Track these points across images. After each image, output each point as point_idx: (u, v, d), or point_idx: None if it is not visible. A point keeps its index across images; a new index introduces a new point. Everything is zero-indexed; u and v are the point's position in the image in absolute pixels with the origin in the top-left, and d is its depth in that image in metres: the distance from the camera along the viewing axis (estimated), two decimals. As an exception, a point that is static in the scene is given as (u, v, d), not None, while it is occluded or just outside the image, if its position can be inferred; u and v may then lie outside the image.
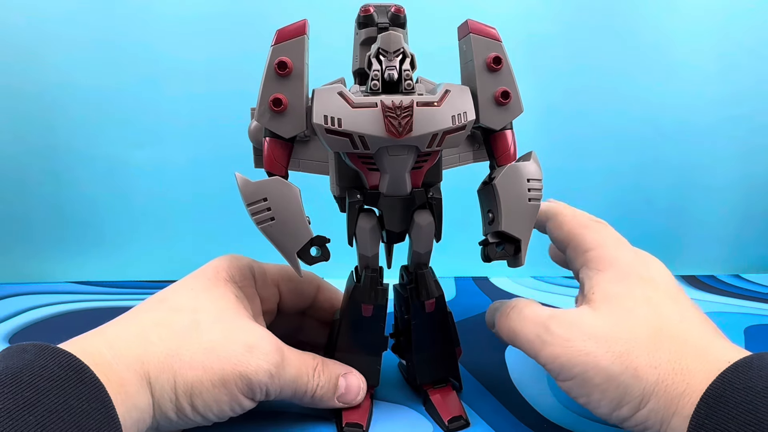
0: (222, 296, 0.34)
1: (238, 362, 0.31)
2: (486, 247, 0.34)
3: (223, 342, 0.32)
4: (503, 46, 0.33)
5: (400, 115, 0.29)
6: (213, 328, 0.32)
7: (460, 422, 0.37)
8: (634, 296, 0.32)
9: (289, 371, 0.33)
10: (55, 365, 0.26)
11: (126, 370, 0.28)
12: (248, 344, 0.32)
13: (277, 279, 0.40)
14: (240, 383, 0.31)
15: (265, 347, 0.32)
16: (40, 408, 0.24)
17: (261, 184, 0.32)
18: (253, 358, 0.32)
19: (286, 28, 0.31)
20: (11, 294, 0.63)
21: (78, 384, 0.25)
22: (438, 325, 0.38)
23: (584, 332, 0.31)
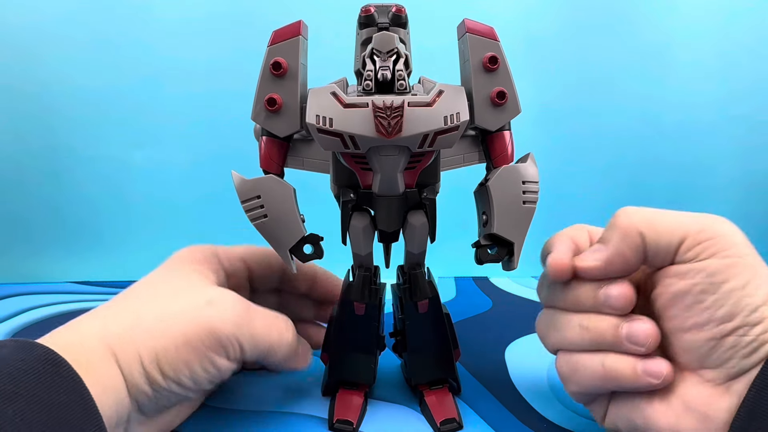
0: (181, 271, 0.35)
1: (200, 317, 0.31)
2: (478, 250, 0.34)
3: (183, 303, 0.32)
4: (500, 46, 0.33)
5: (390, 116, 0.29)
6: (171, 294, 0.32)
7: (452, 425, 0.36)
8: None
9: (257, 323, 0.33)
10: (33, 359, 0.26)
11: (91, 352, 0.28)
12: (208, 299, 0.32)
13: (243, 255, 0.40)
14: (206, 339, 0.31)
15: (228, 298, 0.33)
16: (20, 401, 0.24)
17: (255, 182, 0.33)
18: (216, 310, 0.31)
19: (282, 29, 0.32)
20: (11, 294, 0.63)
21: (55, 377, 0.25)
22: (432, 326, 0.38)
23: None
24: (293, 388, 0.42)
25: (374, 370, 0.39)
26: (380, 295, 0.38)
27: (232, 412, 0.38)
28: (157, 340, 0.30)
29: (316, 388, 0.41)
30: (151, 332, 0.30)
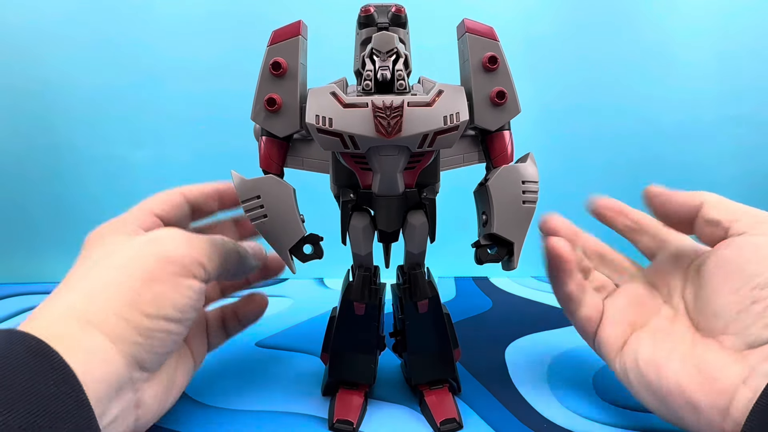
0: (107, 239, 0.35)
1: (152, 253, 0.32)
2: (478, 249, 0.34)
3: (134, 250, 0.32)
4: (500, 46, 0.32)
5: (389, 116, 0.29)
6: (121, 246, 0.33)
7: (452, 425, 0.36)
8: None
9: (203, 241, 0.34)
10: (22, 350, 0.25)
11: (72, 331, 0.28)
12: (146, 239, 0.33)
13: (183, 193, 0.41)
14: (167, 267, 0.32)
15: (164, 231, 0.35)
16: (9, 392, 0.23)
17: (255, 182, 0.33)
18: (161, 242, 0.33)
19: (281, 29, 0.32)
20: (11, 294, 0.64)
21: (46, 368, 0.25)
22: (432, 326, 0.38)
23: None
24: (293, 388, 0.42)
25: (374, 370, 0.39)
26: (380, 295, 0.38)
27: (232, 412, 0.39)
28: (127, 288, 0.30)
29: (316, 388, 0.41)
30: (117, 286, 0.30)
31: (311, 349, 0.48)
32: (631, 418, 0.38)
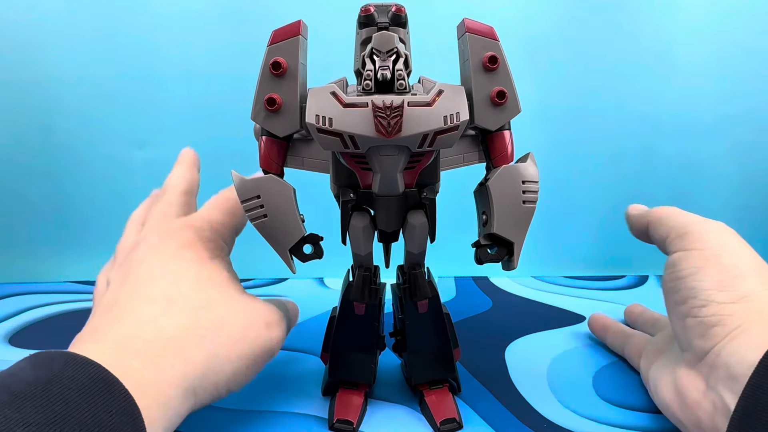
0: (219, 280, 0.35)
1: (264, 342, 0.34)
2: (478, 249, 0.34)
3: (248, 327, 0.34)
4: (500, 45, 0.32)
5: (390, 115, 0.29)
6: (233, 317, 0.34)
7: (452, 425, 0.36)
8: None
9: (287, 324, 0.37)
10: (85, 377, 0.25)
11: (170, 387, 0.29)
12: (265, 322, 0.35)
13: (236, 226, 0.40)
14: (266, 356, 0.35)
15: (275, 317, 0.36)
16: (70, 422, 0.23)
17: (255, 182, 0.32)
18: (273, 333, 0.35)
19: (281, 28, 0.32)
20: (11, 294, 0.63)
21: (107, 397, 0.25)
22: (432, 325, 0.38)
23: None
24: (293, 388, 0.42)
25: (374, 370, 0.39)
26: (380, 295, 0.38)
27: (232, 412, 0.39)
28: (234, 366, 0.32)
29: (316, 388, 0.41)
30: (229, 359, 0.32)
31: (311, 349, 0.48)
32: (631, 417, 0.38)
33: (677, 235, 0.36)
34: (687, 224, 0.37)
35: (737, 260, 0.34)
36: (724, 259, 0.34)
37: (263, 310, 0.35)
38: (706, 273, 0.34)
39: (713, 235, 0.36)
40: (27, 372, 0.25)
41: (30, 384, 0.24)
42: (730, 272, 0.33)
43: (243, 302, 0.35)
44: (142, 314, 0.31)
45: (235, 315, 0.34)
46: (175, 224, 0.37)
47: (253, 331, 0.34)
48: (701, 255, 0.35)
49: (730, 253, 0.35)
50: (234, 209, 0.39)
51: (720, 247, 0.35)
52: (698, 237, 0.36)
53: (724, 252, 0.35)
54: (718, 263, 0.34)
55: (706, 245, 0.35)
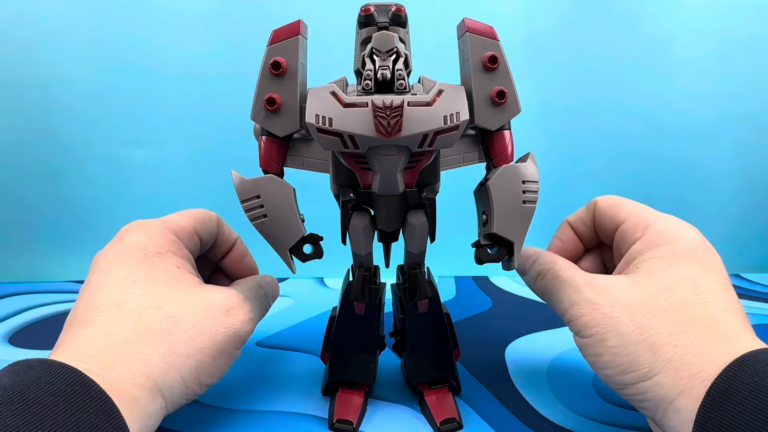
0: (168, 276, 0.34)
1: (226, 328, 0.33)
2: (478, 249, 0.34)
3: (203, 318, 0.33)
4: (500, 45, 0.32)
5: (389, 115, 0.29)
6: (186, 311, 0.33)
7: (452, 424, 0.36)
8: (682, 275, 0.32)
9: (255, 306, 0.36)
10: (62, 381, 0.26)
11: (136, 389, 0.29)
12: (224, 308, 0.34)
13: (195, 227, 0.39)
14: (234, 342, 0.34)
15: (235, 301, 0.35)
16: (48, 423, 0.24)
17: (255, 182, 0.32)
18: (236, 318, 0.34)
19: (281, 28, 0.32)
20: (11, 294, 0.64)
21: (85, 398, 0.25)
22: (432, 325, 0.38)
23: (614, 298, 0.32)
24: (293, 388, 0.42)
25: (374, 369, 0.39)
26: (380, 295, 0.38)
27: (232, 412, 0.39)
28: (196, 360, 0.32)
29: (316, 388, 0.41)
30: (188, 354, 0.31)
31: (311, 348, 0.48)
32: (631, 417, 0.38)
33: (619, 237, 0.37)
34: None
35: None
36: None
37: (220, 297, 0.34)
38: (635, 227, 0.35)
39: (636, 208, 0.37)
40: (4, 379, 0.25)
41: (7, 390, 0.24)
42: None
43: (196, 294, 0.34)
44: (94, 323, 0.31)
45: (187, 309, 0.33)
46: (123, 229, 0.37)
47: (211, 321, 0.33)
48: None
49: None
50: (195, 213, 0.39)
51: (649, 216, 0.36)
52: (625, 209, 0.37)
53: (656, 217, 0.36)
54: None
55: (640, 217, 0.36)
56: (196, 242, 0.39)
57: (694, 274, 0.32)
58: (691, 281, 0.32)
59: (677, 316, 0.30)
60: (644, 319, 0.30)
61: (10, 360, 0.27)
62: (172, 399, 0.31)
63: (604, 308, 0.31)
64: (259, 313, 0.37)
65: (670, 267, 0.32)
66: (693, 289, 0.31)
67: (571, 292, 0.33)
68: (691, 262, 0.33)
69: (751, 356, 0.27)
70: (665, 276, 0.32)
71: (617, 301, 0.31)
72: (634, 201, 0.38)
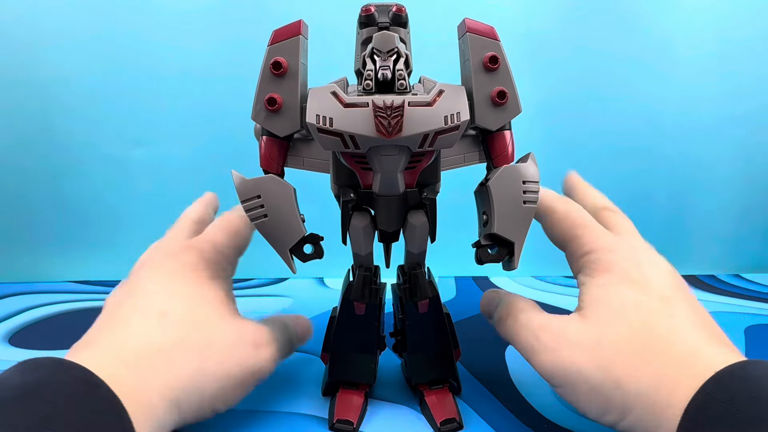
0: (213, 297, 0.35)
1: (252, 363, 0.34)
2: (478, 249, 0.34)
3: (235, 347, 0.34)
4: (501, 45, 0.32)
5: (390, 115, 0.29)
6: (222, 336, 0.34)
7: (452, 425, 0.36)
8: (624, 302, 0.31)
9: (281, 349, 0.37)
10: (72, 380, 0.26)
11: (155, 396, 0.29)
12: (254, 343, 0.35)
13: (229, 246, 0.39)
14: (254, 377, 0.35)
15: (264, 338, 0.35)
16: (57, 423, 0.24)
17: (256, 182, 0.32)
18: (261, 354, 0.35)
19: (282, 28, 0.32)
20: (11, 294, 0.63)
21: (94, 399, 0.26)
22: (433, 325, 0.38)
23: (570, 341, 0.31)
24: (293, 388, 0.42)
25: (374, 370, 0.39)
26: (380, 295, 0.38)
27: (232, 412, 0.38)
28: (220, 384, 0.32)
29: (316, 388, 0.41)
30: (215, 377, 0.32)
31: (311, 349, 0.48)
32: (632, 418, 0.38)
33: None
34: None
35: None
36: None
37: (252, 331, 0.35)
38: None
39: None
40: (15, 378, 0.25)
41: (16, 389, 0.24)
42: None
43: (233, 323, 0.35)
44: (135, 326, 0.32)
45: (223, 334, 0.34)
46: (179, 245, 0.38)
47: (241, 351, 0.34)
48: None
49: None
50: (238, 230, 0.39)
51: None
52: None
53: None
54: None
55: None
56: (237, 261, 0.40)
57: (635, 298, 0.32)
58: (634, 307, 0.31)
59: (630, 347, 0.30)
60: (601, 356, 0.30)
61: (10, 360, 0.27)
62: (186, 416, 0.31)
63: (564, 354, 0.31)
64: (283, 355, 0.37)
65: (612, 297, 0.32)
66: (638, 315, 0.31)
67: (531, 340, 0.33)
68: (628, 287, 0.32)
69: (726, 373, 0.26)
70: (609, 307, 0.32)
71: (573, 344, 0.31)
72: (562, 208, 0.37)
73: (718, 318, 0.32)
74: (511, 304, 0.36)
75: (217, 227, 0.39)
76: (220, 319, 0.34)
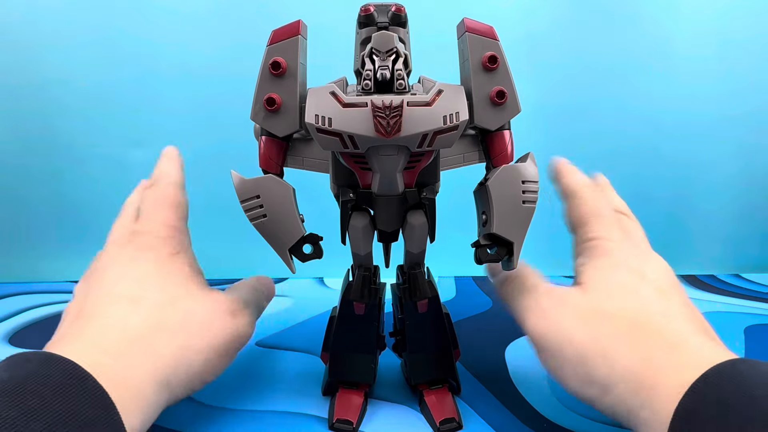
0: (180, 273, 0.35)
1: (232, 331, 0.35)
2: (478, 249, 0.34)
3: (213, 318, 0.34)
4: (500, 45, 0.32)
5: (389, 115, 0.29)
6: (198, 309, 0.34)
7: (452, 424, 0.36)
8: (622, 284, 0.33)
9: (255, 311, 0.37)
10: (59, 374, 0.26)
11: (142, 380, 0.29)
12: (230, 311, 0.35)
13: (177, 217, 0.38)
14: (237, 344, 0.35)
15: (238, 306, 0.36)
16: (46, 416, 0.24)
17: (255, 182, 0.32)
18: (240, 321, 0.35)
19: (281, 28, 0.32)
20: (11, 294, 0.63)
21: (81, 391, 0.26)
22: (432, 325, 0.38)
23: (568, 308, 0.32)
24: (293, 388, 0.42)
25: (374, 369, 0.39)
26: (380, 295, 0.38)
27: (232, 412, 0.39)
28: (205, 356, 0.33)
29: (316, 388, 0.41)
30: (199, 351, 0.32)
31: (311, 348, 0.48)
32: (631, 418, 0.38)
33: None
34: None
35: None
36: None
37: (225, 300, 0.36)
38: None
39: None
40: (2, 372, 0.25)
41: (5, 382, 0.25)
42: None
43: (206, 296, 0.35)
44: (109, 315, 0.32)
45: (198, 307, 0.34)
46: (129, 233, 0.37)
47: (219, 321, 0.34)
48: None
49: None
50: (174, 200, 0.39)
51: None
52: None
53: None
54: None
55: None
56: (187, 226, 0.39)
57: (633, 284, 0.33)
58: (631, 291, 0.32)
59: (623, 325, 0.30)
60: (594, 328, 0.31)
61: (9, 360, 0.27)
62: (176, 393, 0.32)
63: (559, 318, 0.32)
64: (257, 316, 0.38)
65: (610, 278, 0.33)
66: (634, 298, 0.32)
67: (530, 301, 0.34)
68: (627, 273, 0.33)
69: (716, 372, 0.26)
70: (607, 286, 0.33)
71: (571, 311, 0.32)
72: (590, 196, 0.39)
73: (718, 318, 0.33)
74: (522, 267, 0.37)
75: (155, 203, 0.38)
76: (192, 294, 0.35)
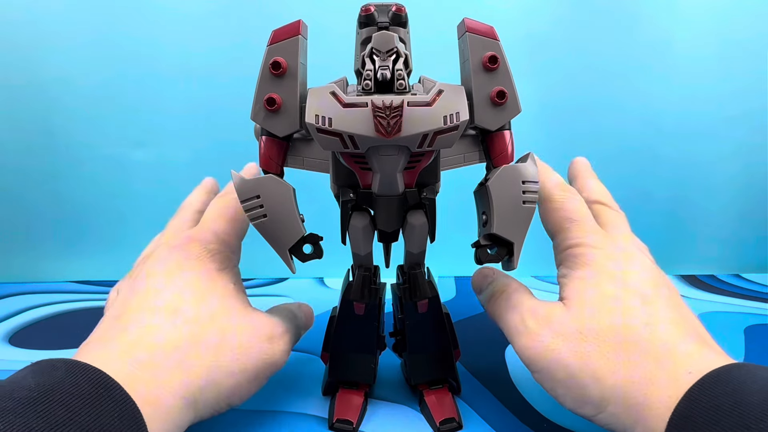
0: (224, 289, 0.35)
1: (267, 356, 0.34)
2: (478, 250, 0.34)
3: (250, 341, 0.34)
4: (500, 45, 0.32)
5: (389, 115, 0.29)
6: (235, 330, 0.33)
7: (452, 424, 0.36)
8: (603, 297, 0.32)
9: (292, 339, 0.37)
10: (86, 383, 0.26)
11: (171, 396, 0.29)
12: (268, 336, 0.35)
13: (231, 234, 0.38)
14: (269, 371, 0.35)
15: (278, 331, 0.35)
16: (72, 427, 0.24)
17: (255, 182, 0.32)
18: (276, 347, 0.35)
19: (281, 28, 0.32)
20: (11, 294, 0.63)
21: (109, 402, 0.25)
22: (432, 326, 0.38)
23: (553, 329, 0.32)
24: (293, 388, 0.42)
25: (374, 369, 0.39)
26: (380, 295, 0.38)
27: (232, 412, 0.38)
28: (236, 379, 0.32)
29: (316, 388, 0.41)
30: (229, 372, 0.32)
31: (311, 348, 0.48)
32: (631, 418, 0.38)
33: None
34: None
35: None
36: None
37: (266, 324, 0.35)
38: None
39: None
40: (29, 379, 0.25)
41: (32, 391, 0.24)
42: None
43: (246, 316, 0.35)
44: (147, 324, 0.32)
45: (237, 328, 0.33)
46: (182, 237, 0.37)
47: (255, 345, 0.34)
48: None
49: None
50: (235, 215, 0.38)
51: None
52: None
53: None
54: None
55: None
56: (240, 246, 0.39)
57: (614, 292, 0.32)
58: (613, 301, 0.32)
59: (608, 340, 0.30)
60: (581, 346, 0.30)
61: (10, 360, 0.27)
62: (201, 413, 0.31)
63: (546, 340, 0.32)
64: (293, 344, 0.37)
65: (591, 290, 0.33)
66: (617, 309, 0.31)
67: (517, 321, 0.34)
68: (608, 282, 0.33)
69: (711, 378, 0.26)
70: (589, 300, 0.32)
71: (556, 331, 0.32)
72: (559, 198, 0.37)
73: (718, 318, 0.32)
74: (504, 283, 0.36)
75: (216, 214, 0.38)
76: (233, 312, 0.34)
